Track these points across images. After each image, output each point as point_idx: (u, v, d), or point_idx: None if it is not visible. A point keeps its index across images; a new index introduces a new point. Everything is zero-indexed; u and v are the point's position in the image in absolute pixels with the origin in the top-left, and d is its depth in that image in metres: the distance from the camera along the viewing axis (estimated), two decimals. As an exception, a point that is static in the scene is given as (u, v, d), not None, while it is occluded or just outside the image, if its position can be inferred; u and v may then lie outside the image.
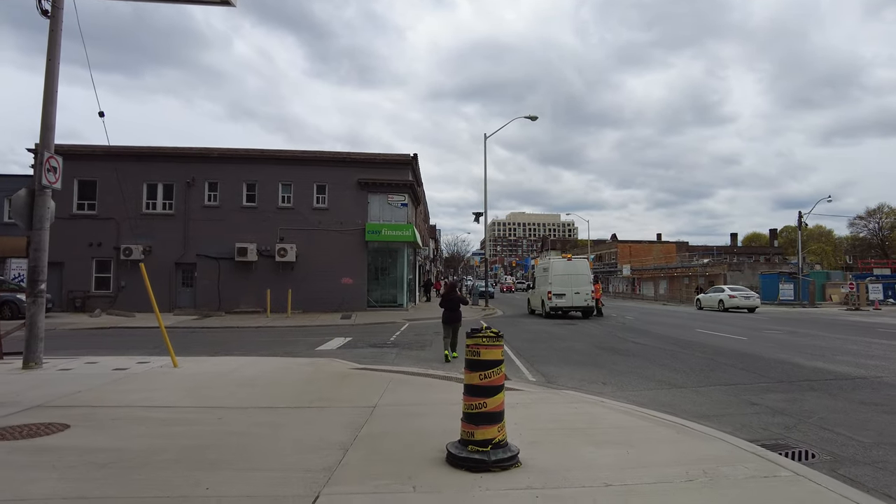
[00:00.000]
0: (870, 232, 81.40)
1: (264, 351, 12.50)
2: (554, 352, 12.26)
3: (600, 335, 15.88)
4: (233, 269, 25.08)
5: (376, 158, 26.09)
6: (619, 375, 9.33)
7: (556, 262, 23.09)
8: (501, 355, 4.32)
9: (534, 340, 14.45)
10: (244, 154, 25.69)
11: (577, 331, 17.18)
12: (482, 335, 4.24)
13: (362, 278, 25.63)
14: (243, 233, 25.09)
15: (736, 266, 50.85)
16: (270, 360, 10.47)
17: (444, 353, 11.12)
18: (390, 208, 26.01)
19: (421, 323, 20.69)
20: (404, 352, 12.37)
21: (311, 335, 16.17)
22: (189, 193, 25.14)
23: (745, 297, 29.63)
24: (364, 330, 17.94)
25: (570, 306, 22.39)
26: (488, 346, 4.20)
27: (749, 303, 29.30)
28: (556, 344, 13.68)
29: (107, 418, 5.61)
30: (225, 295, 24.94)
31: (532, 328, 18.26)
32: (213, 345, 13.83)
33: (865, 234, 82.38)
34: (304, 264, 25.28)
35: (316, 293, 25.09)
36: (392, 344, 13.75)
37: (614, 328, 18.23)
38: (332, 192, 25.72)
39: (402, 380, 8.27)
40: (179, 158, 25.29)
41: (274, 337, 15.88)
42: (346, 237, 25.57)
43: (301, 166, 25.69)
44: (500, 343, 4.29)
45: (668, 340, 14.37)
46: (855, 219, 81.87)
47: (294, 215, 25.47)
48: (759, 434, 5.72)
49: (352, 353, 12.18)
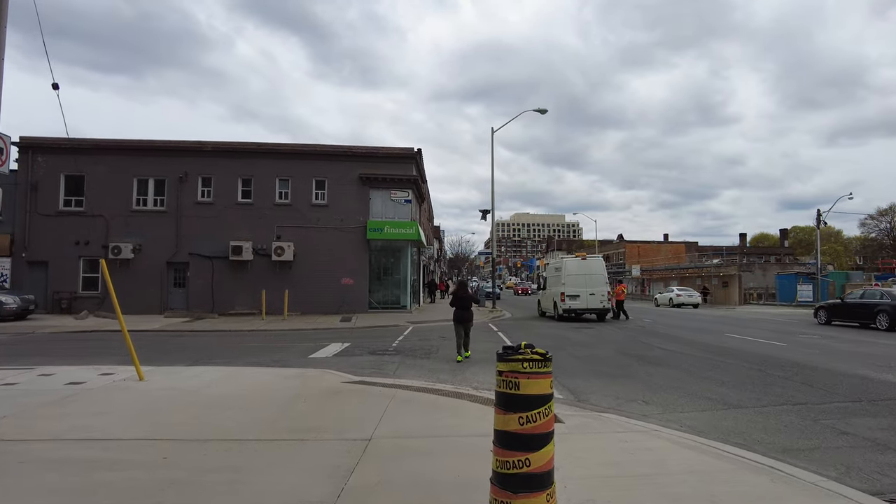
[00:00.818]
0: (881, 232, 79.99)
1: (251, 359, 11.16)
2: (577, 361, 10.87)
3: (623, 341, 14.48)
4: (227, 269, 23.78)
5: (378, 152, 24.74)
6: (661, 391, 7.93)
7: (569, 262, 21.67)
8: (551, 387, 2.95)
9: (551, 347, 13.04)
10: (239, 148, 24.40)
11: (597, 336, 15.77)
12: (522, 358, 2.86)
13: (363, 279, 24.28)
14: (238, 230, 23.80)
15: (746, 266, 49.34)
16: (254, 371, 9.13)
17: (455, 356, 10.86)
18: (393, 205, 24.66)
19: (425, 326, 19.32)
20: (407, 360, 11.01)
21: (306, 340, 14.84)
22: (181, 189, 23.86)
23: (689, 295, 37.47)
24: (364, 334, 16.59)
25: (584, 308, 20.98)
26: (533, 374, 2.83)
27: (692, 300, 36.94)
28: (576, 351, 12.29)
29: (13, 460, 4.26)
30: (219, 296, 23.64)
31: (546, 332, 16.87)
32: (196, 351, 12.51)
33: (876, 235, 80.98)
34: (302, 264, 23.95)
35: (314, 294, 23.77)
36: (394, 351, 12.38)
37: (636, 332, 16.81)
38: (332, 188, 24.39)
39: (404, 398, 6.91)
40: (171, 152, 24.01)
41: (265, 342, 14.55)
42: (347, 235, 24.23)
43: (299, 161, 24.38)
44: (549, 369, 2.92)
45: (700, 347, 12.95)
46: (866, 218, 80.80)
47: (292, 212, 24.16)
48: (877, 481, 4.32)
49: (348, 361, 10.82)
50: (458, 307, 10.68)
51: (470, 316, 10.74)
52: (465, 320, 10.64)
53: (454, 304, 10.79)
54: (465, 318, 10.64)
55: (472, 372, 9.58)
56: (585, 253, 21.70)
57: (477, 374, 9.30)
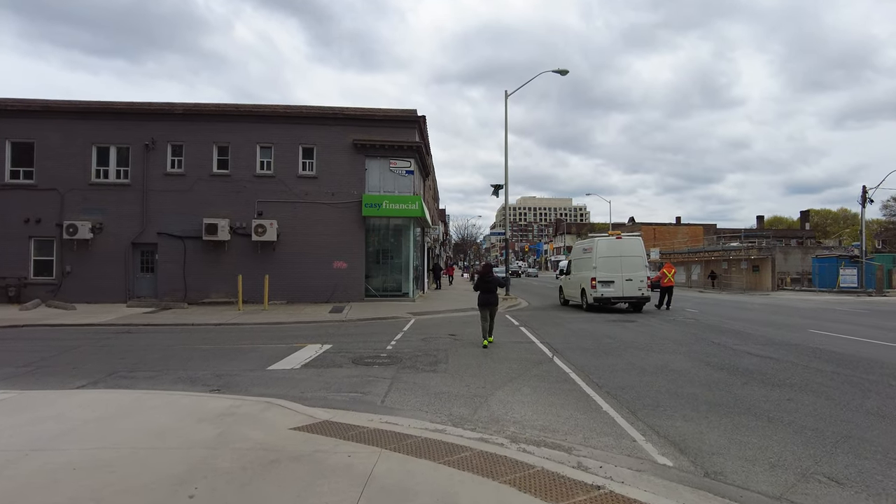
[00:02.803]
0: (904, 214, 77.01)
1: (187, 372, 7.95)
2: (648, 377, 7.58)
3: (687, 340, 11.16)
4: (201, 251, 20.56)
5: (375, 114, 21.25)
6: (827, 444, 4.64)
7: (601, 242, 18.26)
8: None
9: (598, 351, 9.77)
10: (214, 110, 21.00)
11: (648, 333, 12.47)
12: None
13: (359, 262, 21.00)
14: (214, 206, 20.52)
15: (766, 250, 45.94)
16: (164, 401, 5.88)
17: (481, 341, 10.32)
18: (392, 176, 21.27)
19: (430, 319, 16.08)
20: (404, 374, 7.76)
21: (278, 339, 11.63)
22: (148, 159, 20.54)
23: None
24: (354, 330, 13.36)
25: (619, 297, 17.65)
26: None
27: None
28: (636, 358, 9.00)
29: None
30: (192, 282, 20.45)
31: (580, 328, 13.58)
32: (124, 357, 9.31)
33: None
34: (287, 244, 20.69)
35: (302, 280, 20.55)
36: (387, 358, 9.13)
37: (693, 328, 13.50)
38: (322, 157, 21.01)
39: (390, 477, 3.65)
40: (136, 116, 20.65)
41: (226, 342, 11.34)
42: (339, 211, 20.91)
43: (284, 125, 20.97)
44: None
45: (802, 352, 9.63)
46: (889, 200, 78.36)
47: (275, 185, 20.82)
48: None
49: (320, 378, 7.58)
50: (483, 290, 10.42)
51: (495, 300, 10.46)
52: (490, 304, 10.37)
53: (478, 288, 10.56)
54: (490, 302, 10.37)
55: (501, 398, 6.34)
56: (620, 231, 18.30)
57: (510, 405, 6.05)
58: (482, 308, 10.45)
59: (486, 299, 10.38)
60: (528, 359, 9.00)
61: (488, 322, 10.38)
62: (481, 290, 10.45)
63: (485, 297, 10.39)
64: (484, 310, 10.43)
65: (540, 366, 8.39)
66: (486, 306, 10.39)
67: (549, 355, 9.33)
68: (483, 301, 10.42)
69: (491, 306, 10.39)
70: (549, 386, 7.03)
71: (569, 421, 5.49)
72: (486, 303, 10.39)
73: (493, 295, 10.42)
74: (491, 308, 10.40)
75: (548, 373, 7.86)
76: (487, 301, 10.37)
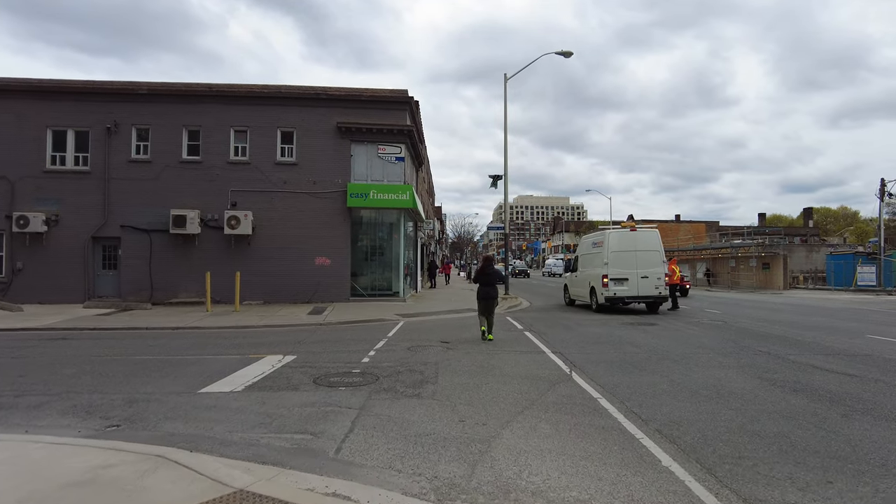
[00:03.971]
0: (907, 212, 76.34)
1: (100, 392, 5.98)
2: (703, 402, 5.62)
3: (728, 349, 9.23)
4: (169, 246, 18.53)
5: (362, 95, 19.24)
6: None
7: (613, 235, 16.32)
8: None
9: (625, 364, 7.83)
10: (184, 90, 18.96)
11: (677, 339, 10.54)
12: None
13: (344, 258, 19.00)
14: (183, 196, 18.50)
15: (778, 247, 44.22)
16: (1, 454, 3.90)
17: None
18: (381, 163, 19.28)
19: (422, 322, 14.12)
20: (378, 402, 5.79)
21: (237, 347, 9.65)
22: (110, 143, 18.50)
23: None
24: (330, 336, 11.39)
25: (634, 296, 15.73)
26: None
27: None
28: (678, 375, 7.05)
29: None
30: (159, 280, 18.43)
31: (595, 332, 11.64)
32: (33, 372, 7.31)
33: (903, 214, 77.55)
34: (263, 238, 18.69)
35: (281, 278, 18.56)
36: (360, 376, 7.15)
37: (725, 332, 11.58)
38: (303, 142, 19.00)
39: None
40: (96, 96, 18.59)
41: (171, 351, 9.34)
42: (322, 202, 18.91)
43: (261, 106, 18.95)
44: None
45: (888, 367, 7.72)
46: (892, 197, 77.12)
47: (251, 172, 18.81)
48: None
49: (262, 408, 5.60)
50: (483, 283, 10.44)
51: (495, 293, 10.43)
52: (490, 297, 10.32)
53: (477, 281, 10.62)
54: (491, 296, 10.33)
55: (510, 444, 4.38)
56: (634, 223, 16.39)
57: (525, 458, 4.09)
58: (481, 301, 10.41)
59: (487, 292, 10.31)
60: (539, 376, 7.05)
61: (486, 316, 10.32)
62: (481, 283, 10.45)
63: (485, 290, 10.34)
64: (483, 303, 10.37)
65: (557, 387, 6.45)
66: (486, 300, 10.32)
67: (566, 370, 7.39)
68: (483, 294, 10.37)
69: (491, 300, 10.32)
70: (576, 420, 5.09)
71: (617, 489, 3.55)
72: (485, 296, 10.32)
73: (494, 288, 10.40)
74: (491, 301, 10.32)
75: (569, 398, 5.92)
76: (488, 294, 10.30)
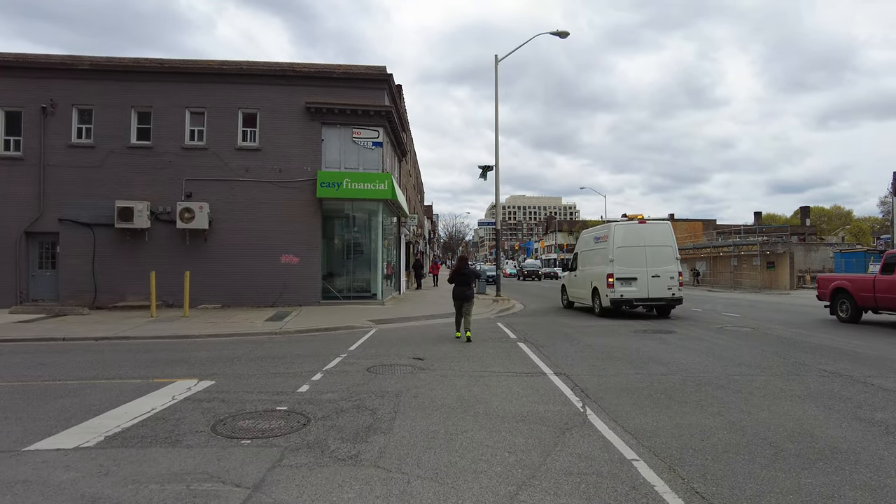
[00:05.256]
0: (903, 211, 76.06)
1: None
2: (804, 472, 3.55)
3: (782, 369, 7.19)
4: (115, 242, 16.28)
5: (334, 71, 17.07)
6: None
7: (619, 228, 14.26)
8: None
9: (658, 395, 5.75)
10: (133, 66, 16.70)
11: (707, 353, 8.49)
12: None
13: (314, 256, 16.83)
14: (132, 186, 16.26)
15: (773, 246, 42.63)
16: None
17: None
18: (356, 149, 17.12)
19: (396, 330, 11.99)
20: (287, 473, 3.65)
21: (150, 366, 7.49)
22: (47, 126, 16.22)
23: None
24: (274, 351, 9.24)
25: (644, 298, 13.70)
26: None
27: None
28: (737, 412, 4.98)
29: None
30: (104, 281, 16.16)
31: (603, 343, 9.57)
32: None
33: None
34: (222, 233, 16.48)
35: (242, 278, 16.36)
36: (282, 419, 5.00)
37: (764, 342, 9.55)
38: (268, 124, 16.81)
39: None
40: (30, 71, 16.28)
41: (59, 373, 7.14)
42: (289, 192, 16.72)
43: (220, 85, 16.74)
44: None
45: None
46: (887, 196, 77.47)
47: (208, 159, 16.59)
48: None
49: (96, 482, 3.44)
50: (458, 283, 10.38)
51: (471, 294, 10.36)
52: (466, 297, 10.24)
53: (453, 280, 10.50)
54: (467, 296, 10.25)
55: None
56: (643, 215, 14.33)
57: None
58: (457, 301, 10.38)
59: (462, 292, 10.28)
60: (541, 415, 4.96)
61: (463, 316, 10.22)
62: (457, 283, 10.41)
63: (460, 289, 10.31)
64: (459, 303, 10.34)
65: (568, 437, 4.36)
66: (461, 300, 10.28)
67: (578, 405, 5.30)
68: (458, 294, 10.33)
69: (466, 300, 10.24)
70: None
71: None
72: (460, 296, 10.29)
73: (469, 288, 10.36)
74: (466, 301, 10.24)
75: (589, 460, 3.83)
76: (463, 294, 10.26)
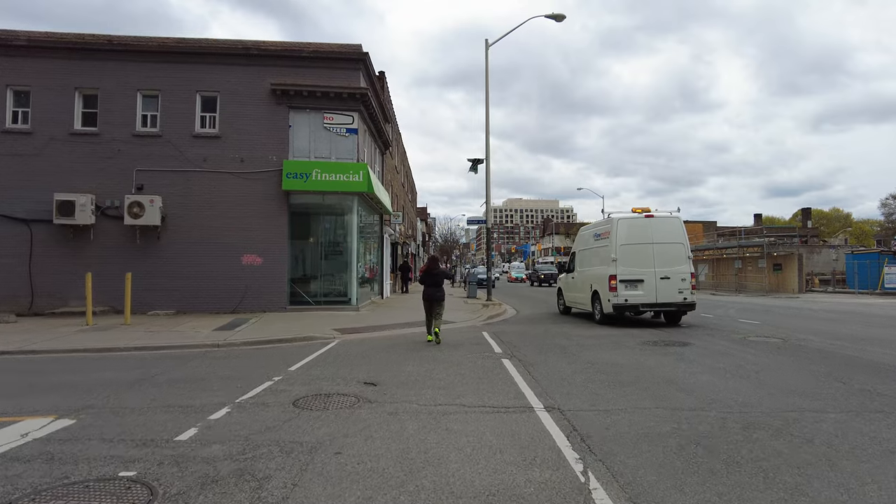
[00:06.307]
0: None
1: None
2: None
3: (852, 403, 5.42)
4: (55, 240, 14.45)
5: (303, 50, 15.31)
6: None
7: (622, 223, 12.48)
8: None
9: (686, 445, 3.98)
10: (77, 43, 14.91)
11: (741, 374, 6.72)
12: None
13: (280, 256, 15.01)
14: (75, 177, 14.44)
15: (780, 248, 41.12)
16: None
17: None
18: (328, 136, 15.34)
19: (361, 342, 10.18)
20: None
21: (19, 394, 5.70)
22: (-20, 110, 14.43)
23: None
24: (196, 372, 7.42)
25: (651, 303, 11.92)
26: None
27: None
28: (816, 481, 3.22)
29: None
30: (42, 283, 14.32)
31: (607, 360, 7.79)
32: None
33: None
34: (177, 230, 14.67)
35: (199, 280, 14.54)
36: (110, 499, 3.20)
37: (803, 359, 7.79)
38: (228, 109, 15.02)
39: None
40: (-38, 49, 14.52)
41: None
42: (251, 184, 14.93)
43: (176, 65, 14.95)
44: None
45: None
46: (888, 199, 77.51)
47: (162, 147, 14.78)
48: None
49: None
50: (428, 284, 10.13)
51: (442, 295, 10.08)
52: (436, 299, 9.98)
53: (423, 282, 10.32)
54: (436, 298, 9.98)
55: None
56: (650, 208, 12.59)
57: None
58: (426, 302, 10.08)
59: (432, 294, 9.99)
60: (518, 494, 3.16)
61: (433, 318, 9.94)
62: (426, 284, 10.14)
63: (430, 290, 10.03)
64: (428, 304, 10.05)
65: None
66: (431, 301, 9.99)
67: (576, 469, 3.51)
68: (427, 295, 10.04)
69: (436, 301, 9.97)
70: None
71: None
72: (430, 297, 10.00)
73: (440, 289, 10.08)
74: (437, 303, 9.97)
75: None
76: (433, 296, 9.98)
